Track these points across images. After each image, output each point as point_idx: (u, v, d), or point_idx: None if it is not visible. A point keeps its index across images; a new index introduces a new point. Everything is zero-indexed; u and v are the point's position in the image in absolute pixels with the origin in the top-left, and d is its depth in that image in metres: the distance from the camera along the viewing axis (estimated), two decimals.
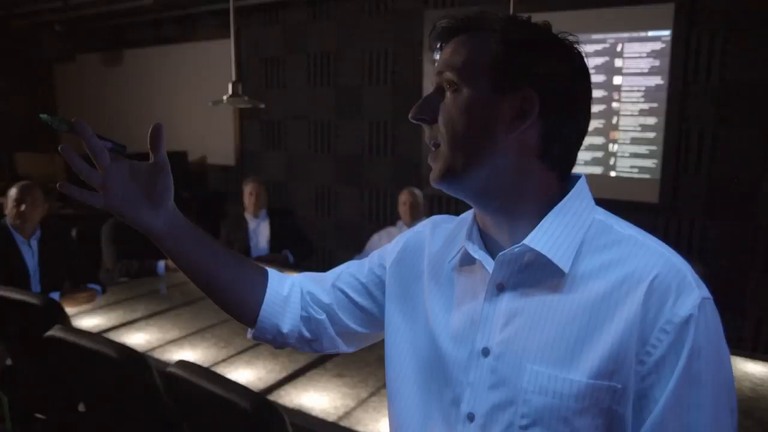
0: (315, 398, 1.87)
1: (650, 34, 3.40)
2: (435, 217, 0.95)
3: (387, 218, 4.50)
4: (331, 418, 1.74)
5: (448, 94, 0.76)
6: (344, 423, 1.72)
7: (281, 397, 1.87)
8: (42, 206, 2.86)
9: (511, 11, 2.23)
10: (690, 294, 0.68)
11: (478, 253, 0.79)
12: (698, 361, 0.67)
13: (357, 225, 4.72)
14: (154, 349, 2.26)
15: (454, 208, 4.20)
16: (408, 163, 4.40)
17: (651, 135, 3.49)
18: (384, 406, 1.81)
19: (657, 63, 3.40)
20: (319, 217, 4.90)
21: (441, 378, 0.81)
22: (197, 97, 5.40)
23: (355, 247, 4.37)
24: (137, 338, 2.36)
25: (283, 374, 2.04)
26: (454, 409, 0.78)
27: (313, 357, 2.16)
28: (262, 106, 2.63)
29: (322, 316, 0.95)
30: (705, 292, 0.69)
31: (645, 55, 3.44)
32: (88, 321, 2.55)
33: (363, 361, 2.12)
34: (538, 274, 0.75)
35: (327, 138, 4.77)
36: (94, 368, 1.92)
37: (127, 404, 1.97)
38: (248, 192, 3.80)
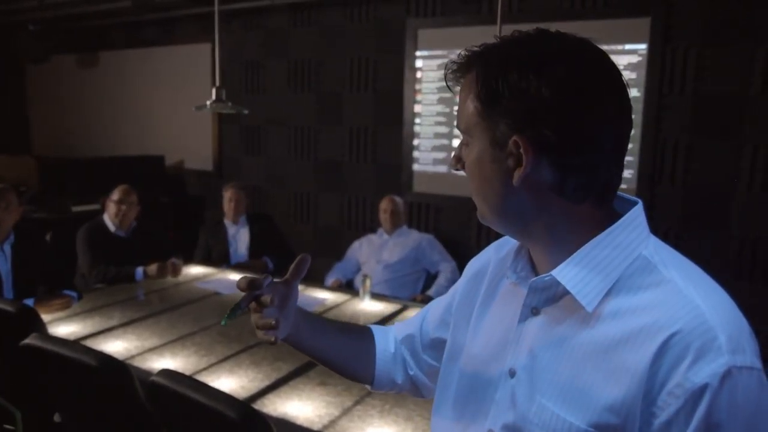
0: (299, 407, 1.86)
1: (627, 47, 3.47)
2: (504, 238, 0.95)
3: (367, 225, 4.50)
4: (315, 427, 1.73)
5: (467, 144, 0.77)
6: None
7: (265, 406, 1.85)
8: (16, 210, 2.79)
9: (498, 23, 2.25)
10: (713, 360, 0.60)
11: (517, 276, 0.81)
12: None
13: (337, 232, 4.71)
14: (133, 357, 2.22)
15: (434, 216, 4.22)
16: (389, 170, 4.41)
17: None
18: (368, 414, 1.81)
19: (633, 75, 3.48)
20: (299, 223, 4.88)
21: (476, 392, 0.83)
22: (175, 101, 5.34)
23: (334, 254, 4.35)
24: (115, 346, 2.32)
25: (266, 383, 2.03)
26: (480, 423, 0.80)
27: (296, 365, 2.15)
28: (246, 111, 2.61)
29: (413, 371, 1.04)
30: (741, 359, 0.61)
31: (622, 67, 3.44)
32: (64, 328, 2.50)
33: None
34: (569, 305, 0.72)
35: (307, 144, 4.76)
36: (72, 377, 1.88)
37: (107, 414, 1.93)
38: (228, 198, 3.77)
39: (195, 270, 3.43)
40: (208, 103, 2.49)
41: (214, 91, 2.48)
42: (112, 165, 5.02)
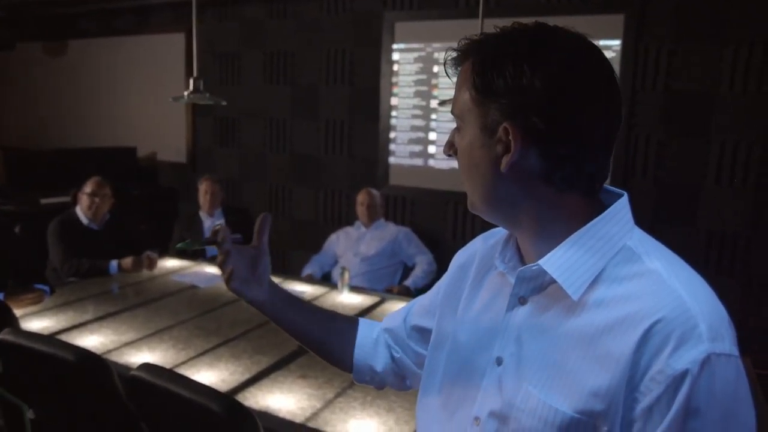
0: (281, 400, 1.86)
1: (601, 43, 3.53)
2: (492, 230, 0.97)
3: (343, 218, 4.50)
4: (298, 420, 1.74)
5: (460, 130, 0.79)
6: (312, 424, 1.71)
7: (246, 399, 1.85)
8: None
9: (480, 17, 2.27)
10: (693, 347, 0.62)
11: (506, 266, 0.82)
12: (695, 422, 0.62)
13: (312, 224, 4.70)
14: (109, 351, 2.19)
15: (410, 209, 4.24)
16: (365, 164, 4.41)
17: None
18: (350, 406, 1.82)
19: None
20: (274, 216, 4.83)
21: (462, 380, 0.84)
22: (148, 91, 5.25)
23: (310, 247, 4.34)
24: (90, 341, 2.28)
25: (247, 376, 2.02)
26: (468, 410, 0.81)
27: (276, 358, 2.15)
28: (224, 103, 2.58)
29: (399, 354, 1.05)
30: (720, 347, 0.63)
31: None
32: (37, 323, 2.45)
33: (326, 362, 2.11)
34: (555, 295, 0.74)
35: (283, 137, 4.73)
36: (48, 373, 1.85)
37: (85, 410, 1.90)
38: (203, 190, 3.72)
39: (170, 263, 3.39)
40: (185, 93, 2.45)
41: (191, 81, 2.44)
42: (83, 156, 4.91)
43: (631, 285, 0.69)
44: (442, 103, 2.65)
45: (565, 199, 0.73)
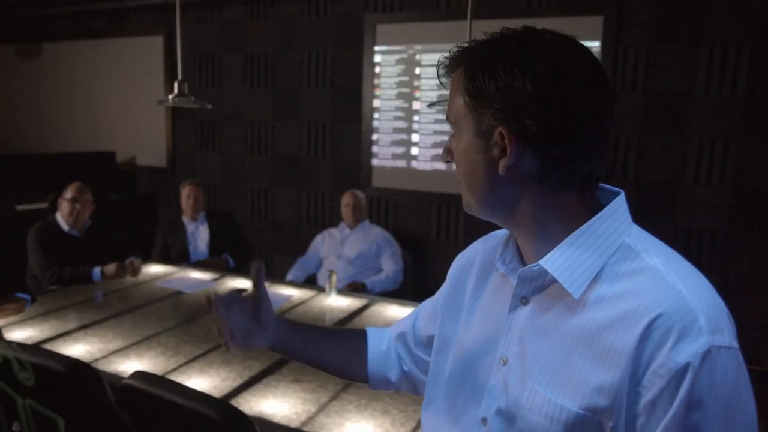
0: (275, 405, 1.85)
1: None
2: (492, 232, 0.98)
3: (326, 220, 4.49)
4: (293, 425, 1.73)
5: (455, 136, 0.80)
6: (308, 429, 1.71)
7: (240, 405, 1.83)
8: None
9: (469, 19, 2.29)
10: (694, 340, 0.64)
11: (506, 267, 0.83)
12: (697, 413, 0.63)
13: (295, 227, 4.68)
14: (97, 360, 2.15)
15: (393, 211, 4.25)
16: (347, 166, 4.41)
17: None
18: (345, 410, 1.82)
19: None
20: (256, 219, 4.82)
21: (469, 382, 0.85)
22: (126, 94, 5.18)
23: (293, 250, 4.33)
24: (76, 350, 2.24)
25: (239, 381, 2.01)
26: (474, 411, 0.82)
27: (268, 363, 2.13)
28: (209, 106, 2.56)
29: (408, 367, 1.07)
30: (720, 339, 0.64)
31: None
32: (19, 333, 2.39)
33: None
34: (556, 294, 0.75)
35: (264, 139, 4.70)
36: (36, 384, 1.81)
37: (75, 421, 1.86)
38: (186, 194, 3.68)
39: (154, 269, 3.35)
40: (170, 97, 2.42)
41: (176, 84, 2.42)
42: (60, 161, 4.83)
43: (631, 282, 0.70)
44: (431, 104, 2.66)
45: (561, 198, 0.75)
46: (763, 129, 3.26)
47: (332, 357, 1.08)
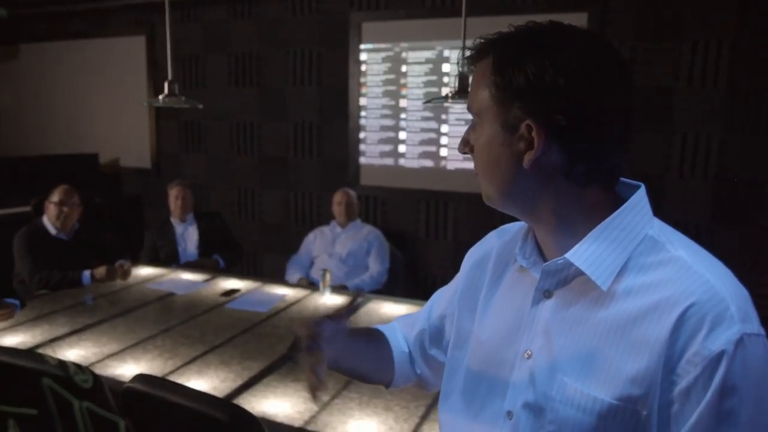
0: (277, 405, 1.85)
1: None
2: (503, 226, 0.98)
3: (314, 220, 4.49)
4: (297, 424, 1.73)
5: (476, 127, 0.80)
6: (312, 428, 1.71)
7: (242, 406, 1.82)
8: None
9: (463, 16, 2.30)
10: (727, 328, 0.65)
11: (527, 261, 0.83)
12: (731, 399, 0.64)
13: (283, 227, 4.66)
14: (93, 364, 2.13)
15: (381, 209, 4.26)
16: (335, 165, 4.41)
17: None
18: (348, 407, 1.83)
19: None
20: (244, 219, 4.79)
21: (489, 376, 0.84)
22: (108, 95, 5.11)
23: (282, 250, 4.32)
24: (71, 354, 2.22)
25: (239, 382, 2.00)
26: (498, 406, 0.82)
27: (266, 363, 2.13)
28: (201, 106, 2.55)
29: (421, 370, 1.08)
30: (750, 327, 0.66)
31: None
32: (11, 339, 2.36)
33: None
34: (581, 287, 0.76)
35: (251, 139, 4.68)
36: (31, 389, 1.79)
37: (72, 426, 1.84)
38: (174, 195, 3.65)
39: (144, 271, 3.32)
40: (160, 97, 2.41)
41: (166, 85, 2.40)
42: (41, 164, 4.74)
43: (659, 272, 0.71)
44: (427, 101, 2.63)
45: (585, 192, 0.75)
46: (743, 123, 3.33)
47: (366, 368, 1.07)
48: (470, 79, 0.81)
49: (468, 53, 0.80)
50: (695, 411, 0.66)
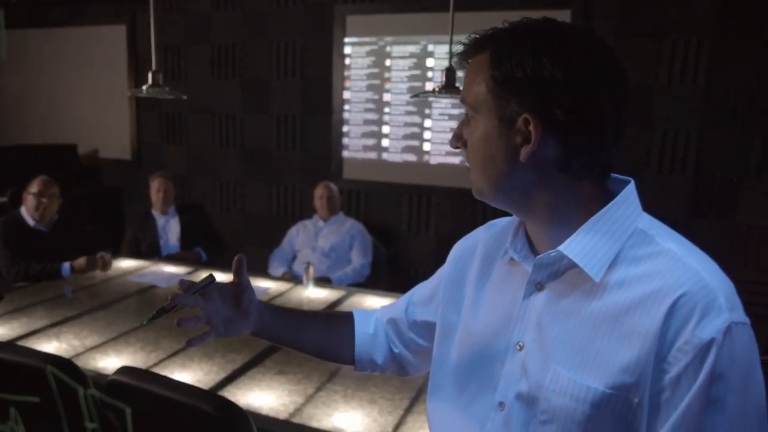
0: (261, 397, 1.85)
1: None
2: (492, 221, 0.99)
3: (297, 213, 4.48)
4: (282, 416, 1.74)
5: (470, 122, 0.80)
6: (296, 420, 1.72)
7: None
8: None
9: (451, 11, 2.30)
10: (716, 317, 0.67)
11: (519, 255, 0.84)
12: (719, 386, 0.67)
13: (266, 220, 4.64)
14: (74, 357, 2.11)
15: (364, 203, 4.27)
16: (318, 158, 4.40)
17: None
18: (332, 400, 1.84)
19: None
20: (225, 212, 4.76)
21: (480, 368, 0.85)
22: (87, 85, 5.03)
23: (264, 243, 4.30)
24: (51, 347, 2.19)
25: (222, 375, 2.00)
26: (489, 397, 0.83)
27: (251, 355, 2.13)
28: (185, 97, 2.52)
29: (399, 349, 1.09)
30: (737, 316, 0.69)
31: None
32: None
33: (303, 357, 2.11)
34: (573, 279, 0.77)
35: (233, 132, 4.64)
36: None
37: (55, 420, 1.83)
38: (156, 187, 3.61)
39: (125, 264, 3.28)
40: (144, 87, 2.38)
41: (150, 75, 2.37)
42: (18, 154, 4.66)
43: (649, 264, 0.73)
44: (414, 96, 2.64)
45: (579, 186, 0.77)
46: (721, 120, 3.40)
47: (319, 340, 1.10)
48: (462, 74, 0.82)
49: (462, 48, 0.80)
50: (685, 397, 0.68)
